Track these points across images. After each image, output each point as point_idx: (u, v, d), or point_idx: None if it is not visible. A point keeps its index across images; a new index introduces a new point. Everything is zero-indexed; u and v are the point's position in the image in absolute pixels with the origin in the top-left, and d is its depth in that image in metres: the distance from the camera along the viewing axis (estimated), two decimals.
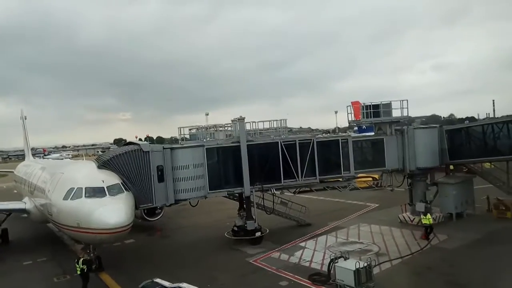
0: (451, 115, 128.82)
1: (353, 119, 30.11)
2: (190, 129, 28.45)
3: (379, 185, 35.64)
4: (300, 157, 26.59)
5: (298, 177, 26.62)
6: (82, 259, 19.81)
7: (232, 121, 27.45)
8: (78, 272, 19.69)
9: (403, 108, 28.38)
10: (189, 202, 26.43)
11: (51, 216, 23.38)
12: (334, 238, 26.97)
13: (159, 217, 31.80)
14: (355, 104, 29.73)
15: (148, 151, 23.41)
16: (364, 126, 40.20)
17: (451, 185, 29.09)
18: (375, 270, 19.10)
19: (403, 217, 29.91)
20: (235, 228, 27.35)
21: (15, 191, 45.61)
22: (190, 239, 29.23)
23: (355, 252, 22.92)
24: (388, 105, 28.78)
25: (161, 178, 23.74)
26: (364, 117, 29.02)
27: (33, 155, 60.49)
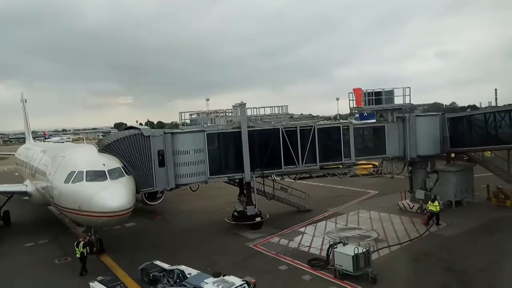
0: (453, 103, 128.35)
1: (354, 106, 29.98)
2: (190, 114, 28.34)
3: (379, 172, 35.75)
4: (301, 144, 26.57)
5: (298, 164, 26.65)
6: (82, 242, 20.01)
7: (233, 106, 27.33)
8: (78, 255, 19.95)
9: (405, 95, 28.24)
10: (190, 187, 26.54)
11: (52, 199, 23.52)
12: (333, 224, 27.15)
13: (159, 201, 32.03)
14: (357, 91, 29.54)
15: (149, 136, 23.39)
16: (365, 113, 39.95)
17: (451, 173, 29.13)
18: (374, 256, 19.28)
19: (403, 204, 30.05)
20: (235, 213, 27.53)
21: (16, 174, 45.79)
22: (190, 224, 29.45)
23: (354, 238, 23.10)
24: (390, 92, 28.59)
25: (162, 163, 23.78)
26: (366, 104, 28.87)
27: (34, 138, 60.49)
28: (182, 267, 17.24)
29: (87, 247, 20.16)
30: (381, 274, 17.74)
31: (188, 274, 16.62)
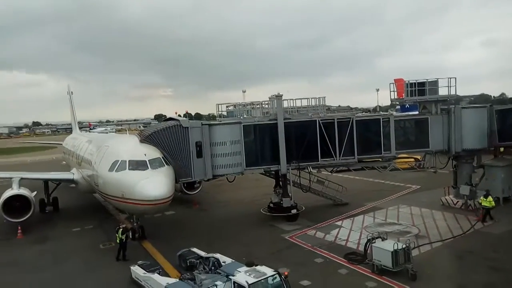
0: (502, 94, 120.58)
1: (396, 97, 28.95)
2: (227, 106, 28.62)
3: (421, 166, 34.40)
4: (338, 136, 26.08)
5: (335, 156, 26.22)
6: (121, 229, 20.92)
7: (269, 98, 27.27)
8: (118, 241, 20.91)
9: (450, 86, 26.82)
10: (226, 178, 26.88)
11: (97, 186, 24.69)
12: (371, 218, 26.57)
13: (197, 191, 32.83)
14: (398, 81, 28.48)
15: (188, 127, 23.89)
16: (407, 105, 38.42)
17: (499, 168, 27.54)
18: (414, 252, 18.71)
19: (446, 200, 28.83)
20: (271, 205, 27.61)
21: (64, 162, 48.43)
22: (226, 214, 29.93)
23: (393, 233, 22.52)
24: (434, 83, 27.31)
25: (199, 154, 24.25)
26: (408, 95, 27.76)
27: (80, 128, 63.58)
28: (217, 255, 17.71)
29: (126, 234, 21.02)
30: (422, 271, 17.20)
31: (222, 262, 17.04)
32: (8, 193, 26.45)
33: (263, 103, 28.30)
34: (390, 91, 28.70)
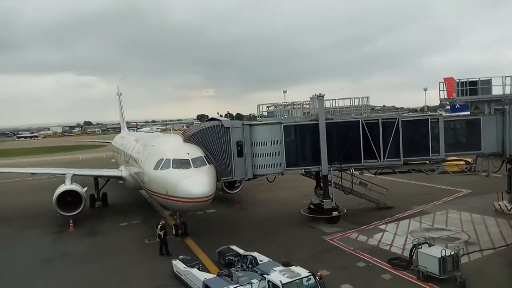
0: None
1: (445, 97, 27.53)
2: (268, 106, 28.68)
3: (472, 169, 32.48)
4: (383, 137, 25.29)
5: (379, 158, 25.44)
6: (160, 225, 21.67)
7: (310, 98, 26.99)
8: (157, 237, 21.66)
9: (505, 85, 25.11)
10: (266, 178, 26.93)
11: (143, 183, 25.69)
12: (417, 223, 25.50)
13: (238, 190, 33.23)
14: (448, 80, 27.10)
15: (229, 127, 24.25)
16: (458, 105, 36.53)
17: None
18: (463, 260, 17.67)
19: (499, 205, 27.06)
20: (312, 206, 27.30)
21: (113, 160, 50.84)
22: (266, 213, 30.00)
23: (441, 239, 21.47)
24: (487, 82, 25.65)
25: (240, 153, 24.51)
26: (458, 95, 26.33)
27: (128, 128, 66.35)
28: (255, 254, 18.02)
29: (164, 230, 21.66)
30: (471, 280, 16.25)
31: (260, 260, 17.30)
32: (61, 188, 28.19)
33: (304, 103, 28.06)
34: (440, 91, 27.33)
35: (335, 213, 25.91)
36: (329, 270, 18.29)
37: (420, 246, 17.60)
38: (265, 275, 14.28)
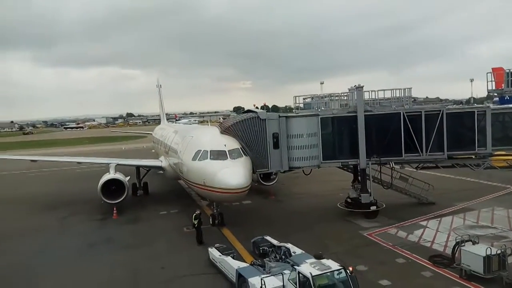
0: None
1: (493, 88, 26.08)
2: (304, 98, 28.34)
3: None
4: (425, 130, 24.35)
5: (421, 152, 24.53)
6: (194, 214, 22.21)
7: (349, 90, 26.39)
8: (193, 227, 22.23)
9: None
10: (302, 171, 26.76)
11: (182, 174, 26.37)
12: (461, 220, 24.44)
13: (273, 182, 33.33)
14: (497, 70, 25.62)
15: (265, 119, 24.25)
16: (507, 97, 34.35)
17: None
18: (510, 259, 16.76)
19: None
20: (349, 200, 26.87)
21: (153, 151, 52.49)
22: (302, 206, 29.87)
23: (486, 237, 20.44)
24: None
25: (276, 145, 24.48)
26: (508, 86, 24.84)
27: (167, 120, 68.11)
28: (289, 245, 18.16)
29: (198, 219, 22.13)
30: None
31: (293, 252, 17.44)
32: (106, 177, 29.53)
33: (342, 94, 27.49)
34: (488, 81, 25.91)
35: (373, 208, 25.33)
36: (367, 266, 17.99)
37: (463, 244, 16.97)
38: (295, 266, 14.31)
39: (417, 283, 16.50)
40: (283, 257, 17.65)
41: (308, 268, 13.51)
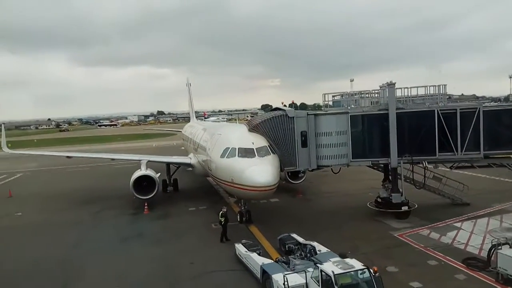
0: None
1: None
2: (333, 96, 27.96)
3: None
4: (460, 128, 23.47)
5: (456, 151, 23.68)
6: (221, 212, 22.43)
7: (380, 87, 25.79)
8: (219, 224, 22.46)
9: None
10: (331, 169, 26.45)
11: (210, 171, 26.69)
12: (497, 222, 23.44)
13: (301, 180, 33.11)
14: None
15: (293, 117, 24.13)
16: None
17: None
18: None
19: None
20: (379, 200, 26.30)
21: (182, 148, 53.42)
22: (331, 205, 29.54)
23: None
24: None
25: (304, 143, 24.31)
26: None
27: (196, 117, 69.10)
28: (315, 244, 18.18)
29: (225, 217, 22.32)
30: None
31: (318, 250, 17.43)
32: (137, 173, 30.35)
33: (374, 91, 26.90)
34: None
35: (404, 208, 24.69)
36: (397, 267, 17.60)
37: (500, 247, 16.23)
38: (318, 265, 14.37)
39: (450, 286, 15.99)
40: (308, 255, 17.66)
41: (331, 266, 13.50)
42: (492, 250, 16.68)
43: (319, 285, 13.46)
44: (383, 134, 24.46)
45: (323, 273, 13.40)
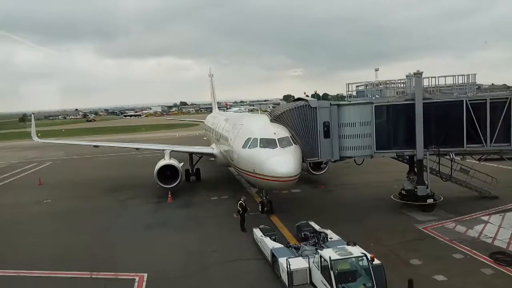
0: None
1: None
2: (357, 86, 27.45)
3: None
4: (490, 119, 22.67)
5: (485, 142, 22.94)
6: (240, 202, 22.58)
7: (406, 76, 25.11)
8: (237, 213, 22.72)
9: None
10: (354, 160, 26.12)
11: (232, 161, 26.88)
12: None
13: (323, 171, 32.88)
14: None
15: (316, 107, 23.87)
16: None
17: None
18: None
19: None
20: (403, 192, 25.81)
21: (205, 138, 53.93)
22: (353, 196, 29.25)
23: None
24: None
25: (327, 134, 24.06)
26: None
27: (218, 108, 69.48)
28: (328, 231, 18.67)
29: (243, 206, 22.42)
30: None
31: (329, 238, 17.92)
32: (161, 163, 30.91)
33: (399, 81, 26.24)
34: None
35: (430, 201, 24.16)
36: (421, 260, 17.33)
37: None
38: (318, 250, 14.92)
39: (475, 280, 15.59)
40: (321, 242, 18.03)
41: (330, 252, 13.96)
42: None
43: (319, 270, 13.95)
44: (408, 125, 23.93)
45: (322, 258, 13.83)
